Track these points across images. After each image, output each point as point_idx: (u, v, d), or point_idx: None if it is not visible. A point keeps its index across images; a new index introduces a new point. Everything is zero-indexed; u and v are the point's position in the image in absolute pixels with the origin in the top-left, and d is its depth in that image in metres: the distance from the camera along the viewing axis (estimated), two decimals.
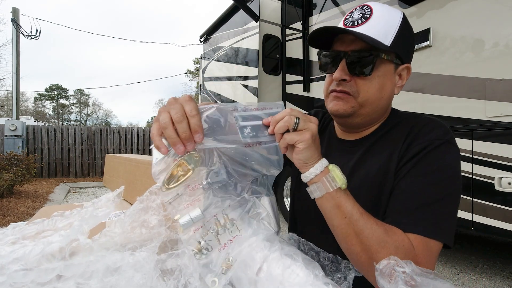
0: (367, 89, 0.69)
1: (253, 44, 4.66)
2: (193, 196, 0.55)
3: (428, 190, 0.61)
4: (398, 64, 0.71)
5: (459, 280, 2.58)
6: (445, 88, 2.47)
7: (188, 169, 0.53)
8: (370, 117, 0.74)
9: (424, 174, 0.62)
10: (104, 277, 0.47)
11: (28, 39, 10.17)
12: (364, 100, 0.70)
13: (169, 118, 0.50)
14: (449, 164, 0.63)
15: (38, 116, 35.75)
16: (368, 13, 0.68)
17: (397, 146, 0.69)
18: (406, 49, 0.72)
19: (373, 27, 0.66)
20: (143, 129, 10.75)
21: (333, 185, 0.57)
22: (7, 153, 6.15)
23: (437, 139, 0.65)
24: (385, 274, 0.39)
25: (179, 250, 0.53)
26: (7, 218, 4.21)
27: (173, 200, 0.52)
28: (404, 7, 2.74)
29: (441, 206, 0.60)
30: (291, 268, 0.47)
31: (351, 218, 0.56)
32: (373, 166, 0.70)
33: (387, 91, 0.72)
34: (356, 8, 0.70)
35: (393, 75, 0.72)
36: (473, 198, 2.30)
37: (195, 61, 27.62)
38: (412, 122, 0.72)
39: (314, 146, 0.57)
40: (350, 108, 0.71)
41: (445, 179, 0.62)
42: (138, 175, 1.46)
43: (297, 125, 0.55)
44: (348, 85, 0.70)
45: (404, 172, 0.64)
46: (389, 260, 0.40)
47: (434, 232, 0.57)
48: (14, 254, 0.54)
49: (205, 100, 6.43)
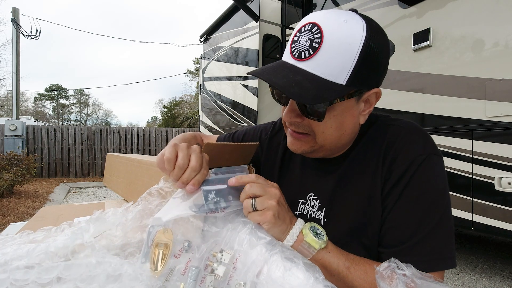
0: (323, 130, 0.61)
1: (253, 44, 4.66)
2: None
3: (422, 216, 0.57)
4: (361, 94, 0.60)
5: (459, 280, 2.58)
6: (445, 88, 2.47)
7: (167, 244, 0.52)
8: (333, 151, 0.68)
9: (415, 199, 0.58)
10: (104, 285, 0.47)
11: (28, 39, 10.17)
12: (322, 141, 0.62)
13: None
14: (436, 180, 0.60)
15: (38, 116, 35.73)
16: (317, 40, 0.53)
17: (377, 166, 0.63)
18: (371, 77, 0.58)
19: (323, 63, 0.53)
20: (143, 129, 10.75)
21: (311, 251, 0.56)
22: (7, 153, 6.14)
23: (420, 154, 0.59)
24: (385, 277, 0.39)
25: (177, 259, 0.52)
26: (7, 218, 4.21)
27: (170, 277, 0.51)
28: (404, 7, 2.74)
29: (439, 230, 0.57)
30: (292, 270, 0.47)
31: (339, 275, 0.56)
32: (355, 191, 0.65)
33: (349, 127, 0.63)
34: (304, 27, 0.56)
35: (355, 107, 0.61)
36: (473, 198, 2.30)
37: (195, 61, 27.61)
38: (387, 132, 0.65)
39: (279, 221, 0.56)
40: (309, 148, 0.64)
41: (437, 198, 0.59)
42: (139, 175, 1.46)
43: (254, 207, 0.54)
44: (301, 126, 0.62)
45: (393, 199, 0.60)
46: (390, 263, 0.40)
47: (439, 263, 0.56)
48: (18, 251, 0.54)
49: (205, 100, 6.43)
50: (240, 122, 4.96)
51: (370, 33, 0.54)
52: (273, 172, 0.83)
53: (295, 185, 0.77)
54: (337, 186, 0.68)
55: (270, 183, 0.60)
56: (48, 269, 0.50)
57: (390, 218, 0.60)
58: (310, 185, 0.74)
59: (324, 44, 0.53)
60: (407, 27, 2.72)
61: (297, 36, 0.56)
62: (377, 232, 0.63)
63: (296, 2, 4.35)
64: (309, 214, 0.72)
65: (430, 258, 0.56)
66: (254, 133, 0.92)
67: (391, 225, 0.60)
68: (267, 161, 0.86)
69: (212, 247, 0.53)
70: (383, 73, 0.61)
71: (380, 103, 0.69)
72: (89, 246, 0.55)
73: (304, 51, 0.54)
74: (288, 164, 0.81)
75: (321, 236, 0.57)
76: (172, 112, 30.28)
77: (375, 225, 0.63)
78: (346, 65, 0.53)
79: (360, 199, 0.64)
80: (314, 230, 0.58)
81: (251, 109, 4.62)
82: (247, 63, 4.86)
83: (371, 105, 0.63)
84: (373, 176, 0.64)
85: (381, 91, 0.63)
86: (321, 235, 0.57)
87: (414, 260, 0.54)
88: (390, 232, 0.60)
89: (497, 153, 2.18)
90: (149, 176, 1.31)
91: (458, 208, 2.39)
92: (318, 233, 0.57)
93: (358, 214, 0.64)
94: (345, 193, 0.67)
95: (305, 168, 0.77)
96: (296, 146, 0.65)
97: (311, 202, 0.72)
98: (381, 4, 2.96)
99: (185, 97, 31.25)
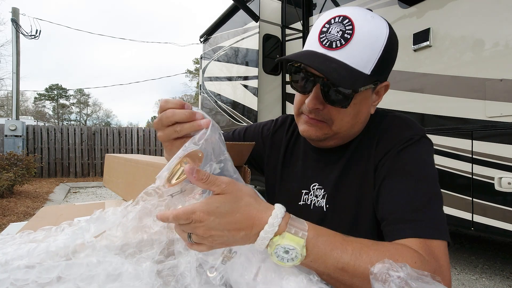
0: (342, 118, 0.64)
1: (253, 44, 4.66)
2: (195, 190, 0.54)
3: (417, 189, 0.58)
4: (377, 85, 0.65)
5: (459, 280, 2.58)
6: (445, 88, 2.47)
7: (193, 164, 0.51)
8: (344, 140, 0.71)
9: (409, 171, 0.60)
10: (104, 284, 0.47)
11: (28, 39, 10.18)
12: (338, 128, 0.65)
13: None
14: (428, 158, 0.63)
15: (38, 116, 35.75)
16: (349, 31, 0.57)
17: (370, 153, 0.67)
18: (387, 70, 0.65)
19: (354, 54, 0.57)
20: (143, 129, 10.75)
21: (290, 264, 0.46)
22: (7, 153, 6.14)
23: (414, 134, 0.63)
24: (379, 279, 0.38)
25: (176, 260, 0.53)
26: (7, 218, 4.21)
27: (176, 194, 0.51)
28: (404, 7, 2.74)
29: (435, 202, 0.58)
30: (288, 271, 0.47)
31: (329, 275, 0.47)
32: (355, 179, 0.68)
33: (363, 116, 0.67)
34: (334, 19, 0.59)
35: (370, 97, 0.66)
36: (473, 198, 2.30)
37: (195, 61, 27.62)
38: (382, 122, 0.69)
39: (225, 240, 0.46)
40: (323, 134, 0.67)
41: (429, 172, 0.61)
42: (137, 176, 1.46)
43: (191, 240, 0.47)
44: (321, 114, 0.64)
45: (388, 173, 0.61)
46: (384, 264, 0.40)
47: (440, 233, 0.55)
48: (19, 251, 0.54)
49: (205, 100, 6.43)
50: (240, 122, 4.96)
51: (391, 29, 0.61)
52: (277, 167, 0.86)
53: (298, 177, 0.79)
54: (342, 174, 0.71)
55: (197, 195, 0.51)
56: (49, 269, 0.50)
57: (386, 190, 0.61)
58: (313, 176, 0.76)
59: (355, 36, 0.56)
60: (407, 27, 2.72)
61: (326, 27, 0.59)
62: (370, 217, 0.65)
63: (296, 2, 4.35)
64: (313, 203, 0.74)
65: (428, 225, 0.54)
66: (256, 129, 0.93)
67: (387, 197, 0.60)
68: (271, 157, 0.88)
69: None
70: (393, 65, 0.66)
71: (380, 103, 0.71)
72: (90, 245, 0.55)
73: (336, 41, 0.57)
74: (290, 158, 0.84)
75: (290, 257, 0.45)
76: None
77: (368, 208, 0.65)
78: (373, 56, 0.58)
79: (357, 189, 0.67)
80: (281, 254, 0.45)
81: (251, 109, 4.62)
82: (247, 63, 4.86)
83: (380, 97, 0.69)
84: (366, 163, 0.67)
85: (389, 83, 0.68)
86: (292, 254, 0.45)
87: (412, 226, 0.54)
88: (387, 202, 0.60)
89: (497, 153, 2.18)
90: (147, 176, 1.31)
91: (458, 208, 2.39)
92: (289, 251, 0.45)
93: (356, 205, 0.67)
94: (348, 182, 0.70)
95: (307, 160, 0.79)
96: (311, 132, 0.67)
97: (315, 192, 0.75)
98: (381, 4, 2.96)
99: (185, 97, 31.30)
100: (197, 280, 0.51)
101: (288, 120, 0.90)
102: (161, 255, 0.55)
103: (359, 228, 0.67)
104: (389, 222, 0.58)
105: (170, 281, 0.51)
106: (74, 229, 0.59)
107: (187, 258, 0.52)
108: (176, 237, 0.58)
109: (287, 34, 4.61)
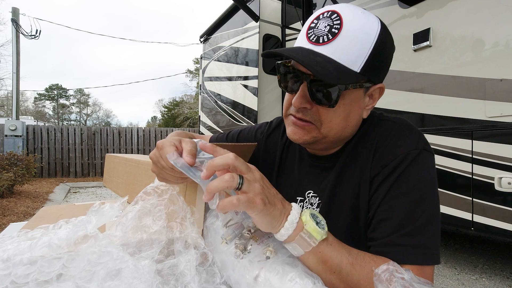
0: (331, 119, 0.60)
1: (253, 44, 4.66)
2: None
3: (412, 211, 0.56)
4: (368, 87, 0.61)
5: (459, 280, 2.58)
6: (445, 88, 2.47)
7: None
8: (335, 144, 0.67)
9: (406, 192, 0.57)
10: (104, 281, 0.47)
11: (28, 39, 10.18)
12: (327, 130, 0.62)
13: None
14: (428, 176, 0.59)
15: (38, 116, 35.74)
16: (337, 26, 0.54)
17: (367, 161, 0.63)
18: (380, 70, 0.60)
19: (341, 49, 0.54)
20: (143, 129, 10.75)
21: (311, 242, 0.49)
22: (7, 153, 6.14)
23: (413, 149, 0.59)
24: (383, 280, 0.38)
25: (175, 259, 0.53)
26: (7, 218, 4.21)
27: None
28: (404, 7, 2.74)
29: (429, 226, 0.56)
30: (290, 275, 0.47)
31: (341, 272, 0.50)
32: (349, 187, 0.65)
33: (354, 119, 0.63)
34: (323, 14, 0.57)
35: (362, 99, 0.62)
36: (473, 198, 2.30)
37: (195, 61, 27.63)
38: (380, 127, 0.65)
39: (271, 207, 0.47)
40: (311, 138, 0.63)
41: (427, 192, 0.58)
42: (138, 176, 1.45)
43: (240, 186, 0.44)
44: (309, 114, 0.61)
45: (384, 192, 0.59)
46: (388, 266, 0.40)
47: (427, 258, 0.54)
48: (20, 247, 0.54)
49: (205, 100, 6.43)
50: (240, 122, 4.96)
51: (383, 27, 0.58)
52: (272, 171, 0.83)
53: (293, 183, 0.77)
54: (337, 181, 0.67)
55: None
56: (51, 261, 0.50)
57: (380, 211, 0.58)
58: (308, 183, 0.74)
59: (343, 30, 0.54)
60: (407, 27, 2.72)
61: (315, 22, 0.57)
62: (364, 228, 0.63)
63: (296, 2, 4.35)
64: None
65: (419, 251, 0.53)
66: (249, 132, 0.91)
67: (381, 217, 0.58)
68: (265, 161, 0.85)
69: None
70: (387, 69, 0.63)
71: (380, 103, 0.69)
72: (93, 235, 0.55)
73: (323, 36, 0.55)
74: (286, 163, 0.81)
75: (322, 226, 0.50)
76: (172, 112, 30.29)
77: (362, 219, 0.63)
78: (362, 53, 0.55)
79: (353, 196, 0.64)
80: (314, 218, 0.51)
81: (251, 109, 4.62)
82: (247, 63, 4.86)
83: (374, 101, 0.65)
84: (362, 173, 0.63)
85: (384, 86, 0.65)
86: (322, 224, 0.51)
87: (402, 250, 0.53)
88: (380, 225, 0.58)
89: (497, 153, 2.18)
90: (148, 176, 1.30)
91: (458, 208, 2.39)
92: (319, 222, 0.51)
93: (352, 211, 0.64)
94: (343, 189, 0.66)
95: (302, 165, 0.76)
96: (298, 135, 0.63)
97: (310, 200, 0.72)
98: (381, 4, 2.96)
99: (185, 97, 31.30)
100: (197, 278, 0.51)
101: (283, 122, 0.87)
102: (161, 255, 0.54)
103: (354, 237, 0.64)
104: (379, 243, 0.57)
105: (170, 280, 0.51)
106: (76, 222, 0.59)
107: (187, 257, 0.52)
108: (176, 237, 0.58)
109: (287, 34, 4.61)
